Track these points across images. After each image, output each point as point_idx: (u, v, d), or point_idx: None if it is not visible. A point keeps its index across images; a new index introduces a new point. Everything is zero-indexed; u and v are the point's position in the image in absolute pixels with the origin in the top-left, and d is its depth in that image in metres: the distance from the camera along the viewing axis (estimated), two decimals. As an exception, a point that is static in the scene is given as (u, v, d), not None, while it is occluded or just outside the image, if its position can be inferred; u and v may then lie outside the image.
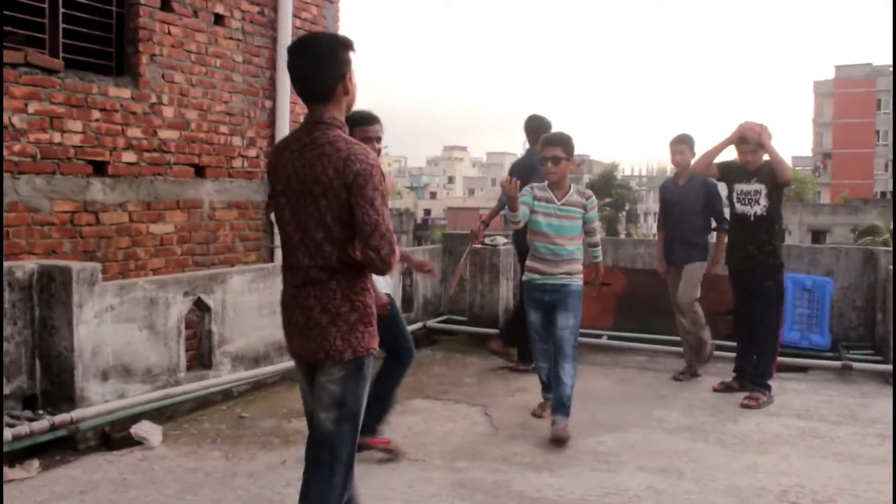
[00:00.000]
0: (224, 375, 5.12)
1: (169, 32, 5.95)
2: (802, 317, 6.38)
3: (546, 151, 4.64)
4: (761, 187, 5.21)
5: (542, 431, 4.56)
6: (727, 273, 5.55)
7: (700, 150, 5.63)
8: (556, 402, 4.46)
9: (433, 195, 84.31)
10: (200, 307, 5.04)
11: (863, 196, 44.52)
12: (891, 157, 60.06)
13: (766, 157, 5.24)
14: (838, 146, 61.99)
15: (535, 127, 5.99)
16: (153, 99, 5.86)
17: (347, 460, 2.60)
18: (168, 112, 6.00)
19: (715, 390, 5.45)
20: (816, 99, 65.62)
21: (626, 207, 57.44)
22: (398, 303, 5.23)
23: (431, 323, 7.10)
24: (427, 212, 70.54)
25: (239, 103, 6.64)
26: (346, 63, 2.58)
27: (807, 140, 72.06)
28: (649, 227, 68.07)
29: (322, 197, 2.48)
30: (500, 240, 7.04)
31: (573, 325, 4.55)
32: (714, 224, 5.87)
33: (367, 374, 2.62)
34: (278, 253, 6.92)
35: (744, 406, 5.08)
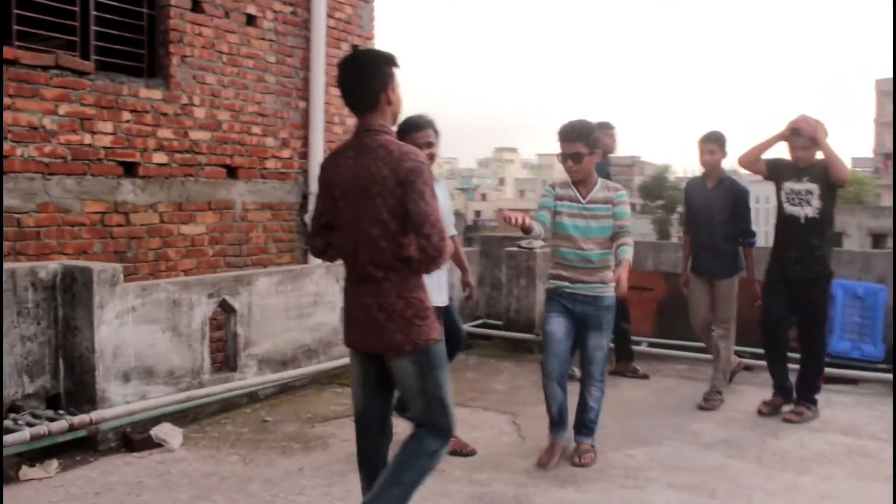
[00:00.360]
0: (249, 378, 5.07)
1: (200, 34, 5.95)
2: (854, 326, 6.04)
3: (564, 148, 4.06)
4: (814, 187, 4.83)
5: (570, 443, 4.38)
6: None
7: (733, 151, 5.27)
8: (579, 423, 4.15)
9: (484, 197, 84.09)
10: (226, 309, 4.99)
11: (928, 197, 42.67)
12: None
13: (820, 155, 4.87)
14: (901, 147, 59.72)
15: None
16: (184, 100, 5.86)
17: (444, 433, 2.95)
18: (199, 113, 5.99)
19: (761, 413, 5.02)
20: (878, 97, 63.31)
21: (679, 209, 56.30)
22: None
23: (467, 327, 6.94)
24: (477, 213, 70.42)
25: (272, 104, 6.61)
26: (388, 76, 2.85)
27: (867, 140, 69.57)
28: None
29: (378, 196, 2.72)
30: (537, 242, 6.85)
31: (606, 344, 4.14)
32: (742, 237, 5.34)
33: (439, 361, 2.89)
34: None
35: (787, 420, 4.81)
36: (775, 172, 5.06)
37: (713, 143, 5.33)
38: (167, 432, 4.30)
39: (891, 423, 4.81)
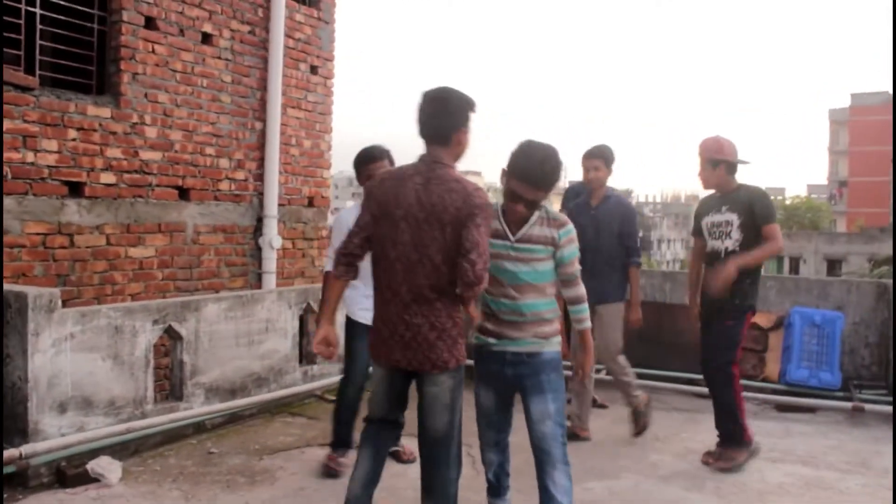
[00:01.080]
0: (196, 407, 4.87)
1: (153, 51, 5.79)
2: (812, 354, 6.04)
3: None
4: (733, 217, 4.42)
5: (526, 471, 4.26)
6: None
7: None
8: None
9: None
10: (172, 336, 4.80)
11: (880, 224, 43.94)
12: (910, 185, 59.63)
13: (741, 182, 4.52)
14: (854, 174, 61.51)
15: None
16: (135, 119, 5.69)
17: (458, 454, 3.23)
18: (151, 132, 5.82)
19: (705, 463, 4.55)
20: (832, 127, 65.28)
21: (640, 234, 57.00)
22: None
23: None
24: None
25: (227, 124, 6.46)
26: (466, 119, 3.07)
27: (822, 168, 71.45)
28: (662, 254, 67.44)
29: (449, 225, 2.94)
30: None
31: (556, 411, 3.19)
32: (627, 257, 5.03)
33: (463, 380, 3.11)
34: (267, 279, 6.71)
35: (721, 470, 4.41)
36: (699, 211, 4.74)
37: (597, 160, 5.00)
38: (105, 466, 4.08)
39: (849, 454, 4.78)
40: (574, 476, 4.22)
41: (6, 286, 4.22)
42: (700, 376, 6.18)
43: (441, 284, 2.96)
